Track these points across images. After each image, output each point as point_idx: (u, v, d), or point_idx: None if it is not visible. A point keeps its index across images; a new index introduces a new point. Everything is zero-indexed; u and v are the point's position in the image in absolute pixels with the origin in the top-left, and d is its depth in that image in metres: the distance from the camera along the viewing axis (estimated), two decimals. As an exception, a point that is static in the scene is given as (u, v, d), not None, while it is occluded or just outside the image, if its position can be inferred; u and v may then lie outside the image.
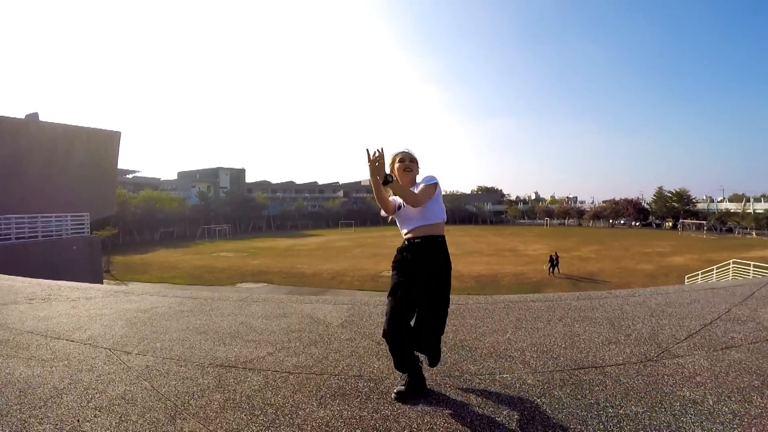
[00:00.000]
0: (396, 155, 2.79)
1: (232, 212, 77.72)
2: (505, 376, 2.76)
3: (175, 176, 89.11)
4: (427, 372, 2.71)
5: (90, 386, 2.68)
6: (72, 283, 7.11)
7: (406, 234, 2.66)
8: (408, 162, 2.73)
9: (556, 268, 28.44)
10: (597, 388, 2.55)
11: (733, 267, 20.20)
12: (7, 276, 7.77)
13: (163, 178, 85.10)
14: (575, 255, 38.23)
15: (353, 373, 2.85)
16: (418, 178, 2.74)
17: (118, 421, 2.24)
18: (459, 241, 49.69)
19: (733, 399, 2.38)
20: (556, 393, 2.50)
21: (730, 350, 3.14)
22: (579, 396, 2.45)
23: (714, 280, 20.79)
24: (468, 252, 39.33)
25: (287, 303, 5.09)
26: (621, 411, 2.28)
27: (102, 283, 22.06)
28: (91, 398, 2.51)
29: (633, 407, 2.32)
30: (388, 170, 2.67)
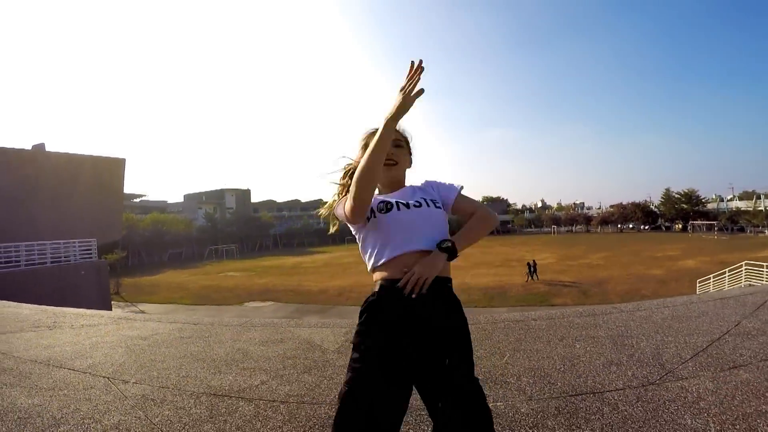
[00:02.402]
0: (370, 134, 1.64)
1: (238, 232, 78.78)
2: (498, 404, 2.68)
3: (181, 199, 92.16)
4: (418, 400, 2.63)
5: (87, 416, 2.71)
6: (78, 309, 7.18)
7: (384, 265, 1.49)
8: (394, 146, 1.62)
9: (534, 274, 29.37)
10: (593, 417, 2.45)
11: (745, 269, 19.81)
12: (15, 303, 7.90)
13: (169, 201, 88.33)
14: (584, 263, 37.84)
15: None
16: (414, 177, 1.76)
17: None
18: (465, 253, 47.76)
19: (738, 427, 2.27)
20: (549, 423, 2.41)
21: (737, 370, 3.02)
22: (573, 426, 2.36)
23: (726, 283, 20.43)
24: (475, 263, 39.09)
25: (285, 328, 5.05)
26: None
27: (110, 306, 22.43)
28: (87, 428, 2.54)
29: None
30: (355, 156, 1.74)
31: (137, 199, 74.12)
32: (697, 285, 22.47)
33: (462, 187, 1.71)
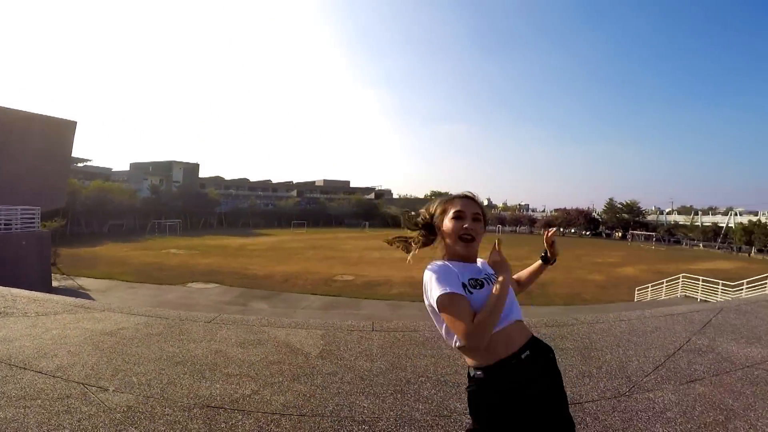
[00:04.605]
0: (450, 201, 1.75)
1: (183, 207, 75.96)
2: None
3: (127, 167, 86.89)
4: (417, 412, 2.77)
5: (73, 433, 2.54)
6: (28, 292, 6.64)
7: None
8: (472, 219, 1.67)
9: None
10: (579, 426, 2.68)
11: (682, 281, 21.29)
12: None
13: (115, 169, 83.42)
14: (528, 263, 38.80)
15: (344, 414, 2.85)
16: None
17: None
18: None
19: None
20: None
21: (694, 384, 3.36)
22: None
23: (664, 292, 21.91)
24: (423, 257, 39.24)
25: (259, 327, 4.99)
26: None
27: (51, 281, 20.99)
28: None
29: None
30: (428, 214, 1.82)
31: (81, 164, 70.29)
32: (636, 293, 23.94)
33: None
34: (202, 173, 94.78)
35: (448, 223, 1.68)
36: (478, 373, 1.50)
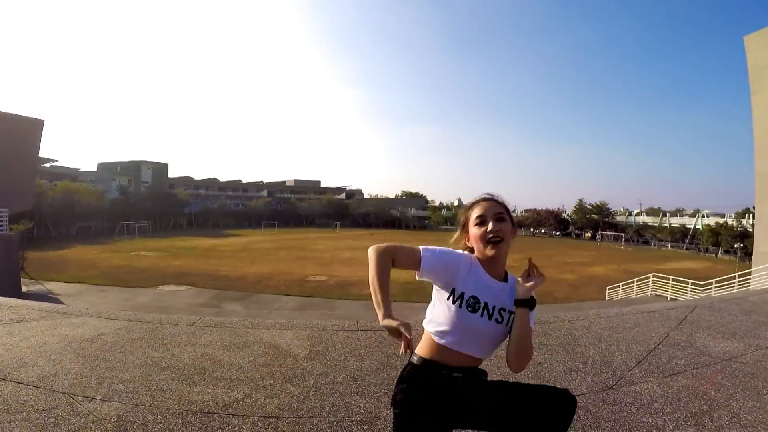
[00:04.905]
0: (470, 207, 1.73)
1: (152, 208, 74.14)
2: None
3: (95, 168, 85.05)
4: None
5: (64, 446, 2.41)
6: (0, 298, 6.42)
7: (437, 345, 1.61)
8: (495, 220, 1.64)
9: None
10: (574, 418, 2.75)
11: (652, 280, 21.97)
12: None
13: (82, 169, 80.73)
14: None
15: (342, 414, 2.84)
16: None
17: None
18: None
19: (689, 423, 2.70)
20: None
21: (677, 376, 3.49)
22: (560, 431, 2.63)
23: (634, 291, 22.56)
24: None
25: (243, 329, 4.92)
26: None
27: (20, 286, 20.22)
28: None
29: None
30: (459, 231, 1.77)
31: (48, 164, 67.80)
32: (607, 291, 24.59)
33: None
34: (171, 173, 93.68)
35: (473, 231, 1.66)
36: (415, 358, 1.61)
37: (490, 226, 1.61)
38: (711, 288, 18.22)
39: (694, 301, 6.80)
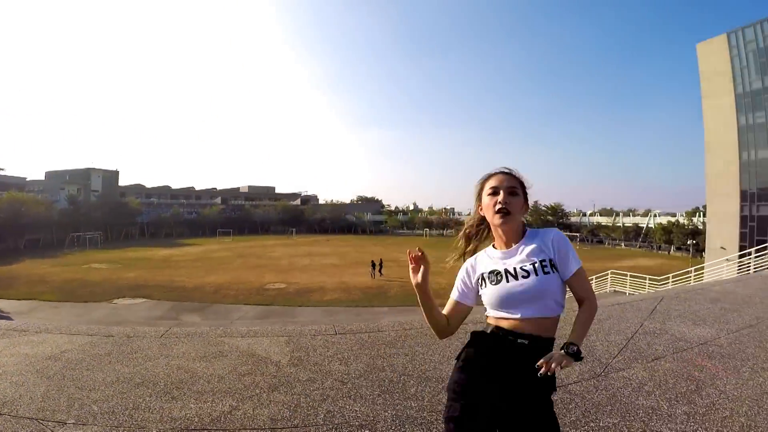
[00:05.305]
0: (486, 179, 1.76)
1: (103, 218, 71.35)
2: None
3: (42, 176, 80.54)
4: (411, 410, 2.72)
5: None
6: None
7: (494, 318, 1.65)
8: (508, 193, 1.67)
9: (379, 272, 32.40)
10: (571, 405, 2.77)
11: (611, 277, 22.74)
12: None
13: (29, 178, 76.58)
14: (457, 266, 39.83)
15: (338, 420, 2.72)
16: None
17: None
18: (342, 252, 51.53)
19: (681, 402, 2.79)
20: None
21: (659, 361, 3.59)
22: (560, 415, 2.63)
23: (594, 288, 23.26)
24: (352, 263, 40.27)
25: (215, 338, 4.70)
26: (601, 424, 2.55)
27: None
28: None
29: (608, 419, 2.59)
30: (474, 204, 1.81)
31: None
32: (567, 289, 25.20)
33: (581, 266, 1.69)
34: (122, 181, 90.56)
35: (485, 200, 1.71)
36: (489, 328, 1.64)
37: (501, 197, 1.65)
38: (668, 283, 19.00)
39: (661, 293, 7.06)
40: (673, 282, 18.85)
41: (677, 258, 51.57)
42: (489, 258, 1.71)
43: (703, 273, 18.17)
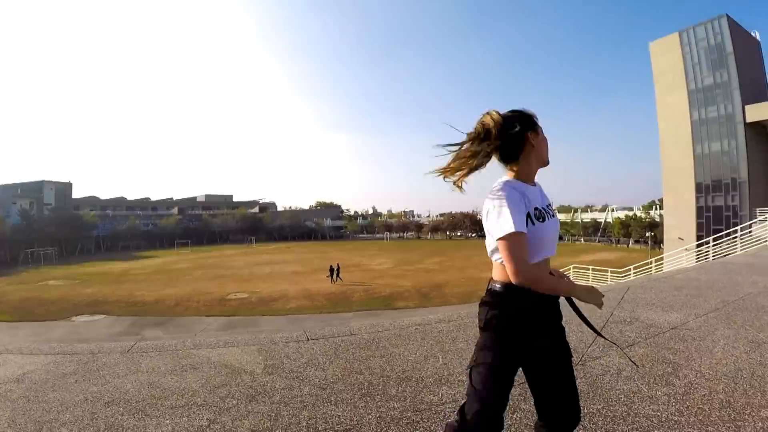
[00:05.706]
0: (534, 116, 1.71)
1: (57, 232, 68.97)
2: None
3: None
4: (395, 411, 2.68)
5: None
6: None
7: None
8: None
9: (338, 277, 32.27)
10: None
11: (573, 271, 23.37)
12: None
13: None
14: (420, 267, 41.07)
15: (321, 426, 2.65)
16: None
17: None
18: (304, 258, 51.49)
19: (660, 384, 2.89)
20: (523, 406, 2.68)
21: (633, 347, 3.69)
22: (546, 408, 2.65)
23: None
24: (315, 269, 40.04)
25: (185, 350, 4.51)
26: (585, 410, 2.58)
27: None
28: None
29: (592, 405, 2.65)
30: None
31: None
32: (531, 285, 25.76)
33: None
34: (76, 193, 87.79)
35: (542, 136, 1.68)
36: (497, 287, 1.61)
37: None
38: (630, 274, 19.68)
39: (627, 283, 7.29)
40: (635, 273, 19.53)
41: (636, 250, 53.57)
42: (527, 192, 1.60)
43: (663, 263, 18.87)
